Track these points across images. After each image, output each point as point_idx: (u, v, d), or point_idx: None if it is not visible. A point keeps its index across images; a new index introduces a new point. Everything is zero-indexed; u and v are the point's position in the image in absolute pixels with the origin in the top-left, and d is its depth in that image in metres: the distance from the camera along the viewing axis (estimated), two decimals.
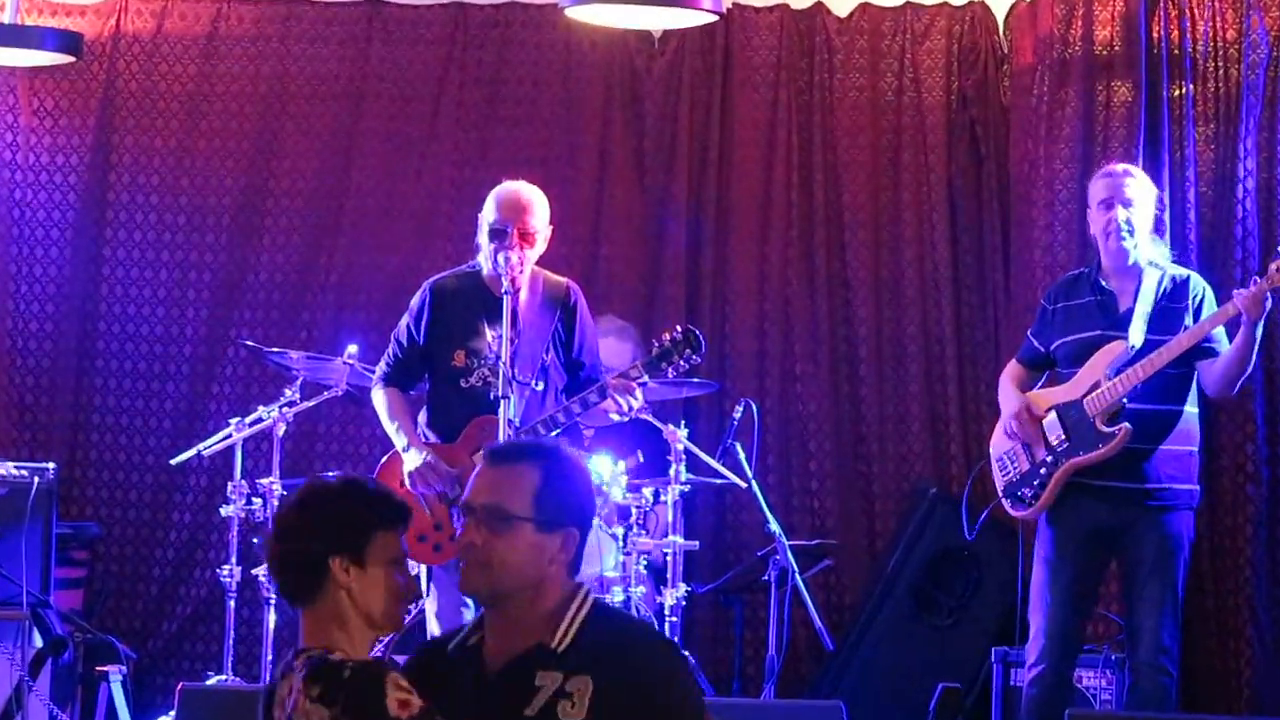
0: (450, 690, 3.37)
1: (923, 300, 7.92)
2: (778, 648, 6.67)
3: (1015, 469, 5.88)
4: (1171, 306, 5.75)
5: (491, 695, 3.35)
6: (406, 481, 5.77)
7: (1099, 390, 5.64)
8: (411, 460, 5.78)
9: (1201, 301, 5.76)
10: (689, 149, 8.07)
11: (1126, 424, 5.58)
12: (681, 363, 5.85)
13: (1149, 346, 5.62)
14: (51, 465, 7.13)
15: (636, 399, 5.80)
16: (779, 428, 7.89)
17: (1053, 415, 5.77)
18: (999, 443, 5.99)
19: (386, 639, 4.43)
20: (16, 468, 7.01)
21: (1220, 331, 5.67)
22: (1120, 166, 5.99)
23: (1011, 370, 6.10)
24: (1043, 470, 5.76)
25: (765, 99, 8.05)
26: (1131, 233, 5.76)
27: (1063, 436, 5.73)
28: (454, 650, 3.46)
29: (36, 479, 6.89)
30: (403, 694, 3.25)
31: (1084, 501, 5.73)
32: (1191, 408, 5.76)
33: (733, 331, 8.07)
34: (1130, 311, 5.70)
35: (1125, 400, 5.60)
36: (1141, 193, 5.83)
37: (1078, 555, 5.75)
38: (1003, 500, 5.95)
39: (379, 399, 5.97)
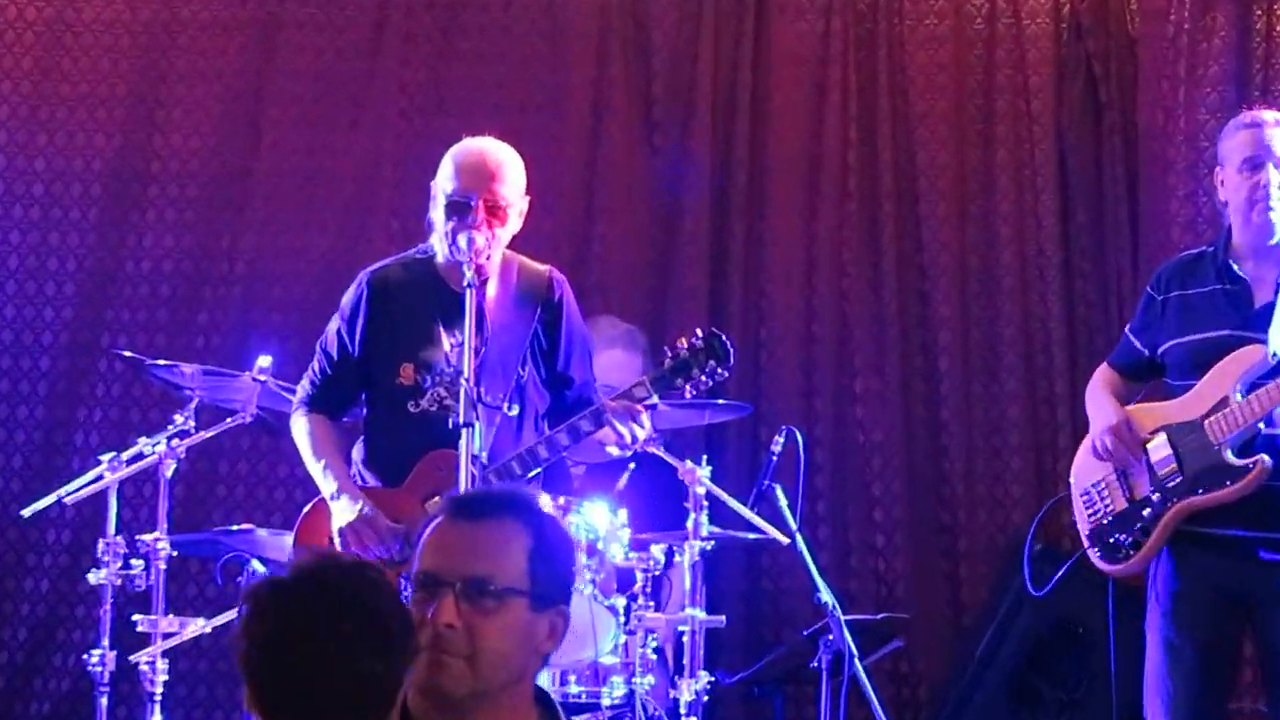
0: None
1: (1023, 293, 8.26)
2: None
3: (1107, 508, 6.02)
4: None
5: None
6: (336, 540, 5.96)
7: (1227, 409, 5.77)
8: (343, 512, 5.96)
9: None
10: (712, 95, 8.41)
11: (1264, 456, 5.72)
12: (703, 378, 6.03)
13: None
14: None
15: (643, 427, 6.03)
16: (833, 464, 8.25)
17: (1161, 438, 5.90)
18: (1085, 468, 6.11)
19: None
20: None
21: None
22: (1270, 115, 6.11)
23: (1103, 377, 6.24)
24: (1146, 511, 5.88)
25: (813, 29, 8.42)
26: None
27: (1175, 468, 5.85)
28: None
29: None
30: None
31: (1201, 556, 5.88)
32: None
33: (770, 337, 8.42)
34: (1270, 306, 5.85)
35: (1262, 424, 5.74)
36: None
37: (1203, 630, 5.89)
38: (1089, 550, 6.08)
39: (300, 429, 6.21)
